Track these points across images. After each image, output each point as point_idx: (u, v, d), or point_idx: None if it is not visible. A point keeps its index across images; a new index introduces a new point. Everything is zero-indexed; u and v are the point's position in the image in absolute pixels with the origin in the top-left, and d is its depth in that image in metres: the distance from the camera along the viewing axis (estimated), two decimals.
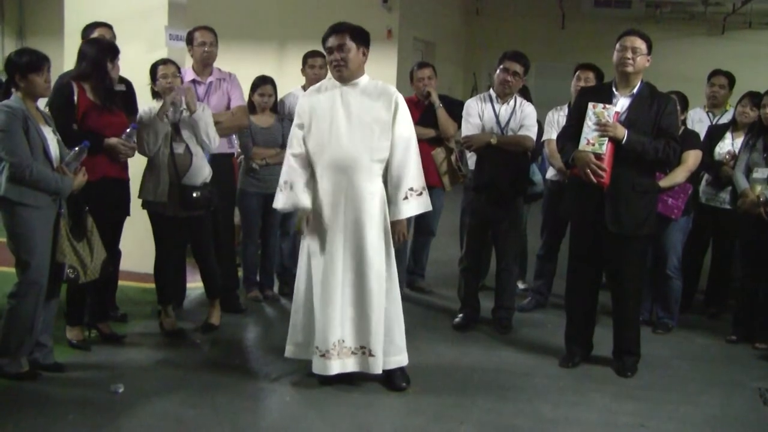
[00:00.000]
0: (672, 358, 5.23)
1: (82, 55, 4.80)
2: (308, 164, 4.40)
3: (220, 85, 5.74)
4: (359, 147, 4.28)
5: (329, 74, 4.60)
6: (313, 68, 6.14)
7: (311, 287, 4.42)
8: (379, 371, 4.40)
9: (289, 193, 4.38)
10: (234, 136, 5.88)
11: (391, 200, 4.38)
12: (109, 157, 4.77)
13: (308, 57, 6.22)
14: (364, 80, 4.39)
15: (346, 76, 4.32)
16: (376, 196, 4.36)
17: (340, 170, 4.30)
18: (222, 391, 4.38)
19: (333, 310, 4.32)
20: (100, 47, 4.82)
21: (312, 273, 4.40)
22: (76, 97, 4.73)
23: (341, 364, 4.37)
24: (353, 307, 4.35)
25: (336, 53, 4.28)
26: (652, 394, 4.59)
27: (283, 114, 6.08)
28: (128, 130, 4.79)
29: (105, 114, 4.78)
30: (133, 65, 5.42)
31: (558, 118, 5.95)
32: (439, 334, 5.50)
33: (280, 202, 4.44)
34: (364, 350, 4.37)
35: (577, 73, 5.93)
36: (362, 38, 4.33)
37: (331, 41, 4.30)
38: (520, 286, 6.53)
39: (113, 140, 4.74)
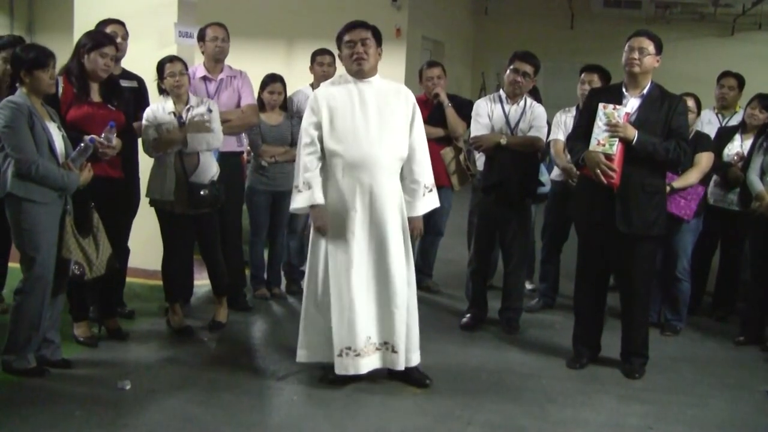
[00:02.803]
0: (680, 360, 5.21)
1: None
2: (321, 160, 4.38)
3: (230, 83, 5.74)
4: (382, 145, 4.30)
5: (337, 72, 4.60)
6: (321, 66, 6.13)
7: (328, 288, 4.39)
8: (402, 368, 4.43)
9: (308, 193, 4.32)
10: (243, 134, 5.87)
11: (410, 197, 4.47)
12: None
13: (317, 55, 6.21)
14: (377, 78, 4.42)
15: (366, 69, 4.34)
16: (397, 194, 4.40)
17: (363, 168, 4.29)
18: (229, 389, 4.38)
19: (360, 309, 4.33)
20: (83, 38, 4.78)
21: (330, 273, 4.37)
22: (61, 91, 4.70)
23: (369, 361, 4.39)
24: (377, 304, 4.37)
25: (359, 46, 4.30)
26: (660, 396, 4.58)
27: (291, 112, 6.08)
28: (107, 129, 4.58)
29: (84, 106, 4.70)
30: (143, 62, 5.41)
31: (565, 119, 5.93)
32: (447, 334, 5.49)
33: (299, 202, 4.36)
34: (387, 346, 4.40)
35: (582, 75, 5.91)
36: (380, 38, 4.42)
37: (354, 35, 4.32)
38: (528, 286, 6.51)
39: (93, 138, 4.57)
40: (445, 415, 4.19)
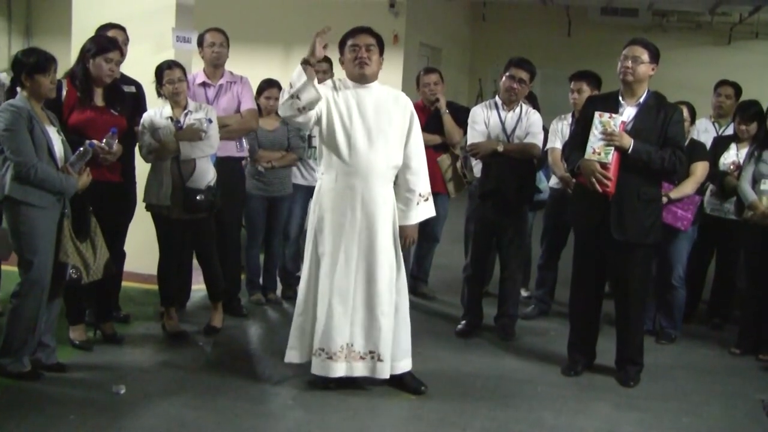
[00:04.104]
0: (675, 368, 5.22)
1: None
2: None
3: (230, 88, 5.73)
4: (379, 153, 4.32)
5: (335, 76, 4.61)
6: (318, 72, 6.12)
7: (315, 290, 4.41)
8: (387, 376, 4.41)
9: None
10: (244, 140, 5.86)
11: (404, 205, 4.47)
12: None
13: None
14: (376, 85, 4.43)
15: (368, 74, 4.35)
16: (389, 201, 4.40)
17: (357, 175, 4.30)
18: (224, 393, 4.38)
19: (344, 313, 4.33)
20: (88, 42, 4.78)
21: (320, 274, 4.39)
22: (64, 94, 4.71)
23: (348, 367, 4.37)
24: (363, 311, 4.36)
25: (363, 51, 4.32)
26: (655, 404, 4.58)
27: None
28: (108, 134, 4.59)
29: (86, 110, 4.71)
30: (139, 66, 5.41)
31: (561, 126, 5.95)
32: (442, 341, 5.49)
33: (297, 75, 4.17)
34: (373, 355, 4.38)
35: (571, 84, 5.92)
36: (383, 47, 4.45)
37: (359, 39, 4.35)
38: (524, 293, 6.51)
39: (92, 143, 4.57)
40: (440, 421, 4.19)
